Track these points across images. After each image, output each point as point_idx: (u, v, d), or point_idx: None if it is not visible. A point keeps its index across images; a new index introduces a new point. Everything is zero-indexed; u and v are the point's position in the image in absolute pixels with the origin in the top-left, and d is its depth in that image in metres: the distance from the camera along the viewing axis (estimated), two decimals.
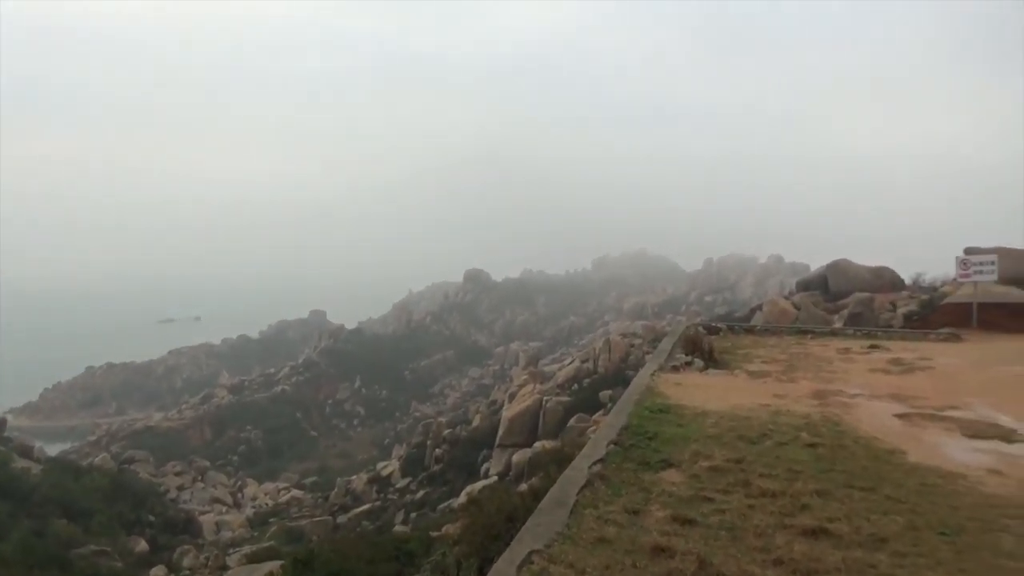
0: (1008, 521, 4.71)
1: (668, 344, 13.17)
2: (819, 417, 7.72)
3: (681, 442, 6.62)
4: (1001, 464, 6.08)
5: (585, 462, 6.04)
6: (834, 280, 38.69)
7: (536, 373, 50.22)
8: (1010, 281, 28.11)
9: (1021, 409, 8.26)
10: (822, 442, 6.61)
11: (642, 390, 9.14)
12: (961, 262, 19.04)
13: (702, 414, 7.76)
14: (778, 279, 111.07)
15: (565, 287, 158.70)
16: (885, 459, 6.15)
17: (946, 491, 5.31)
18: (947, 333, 16.45)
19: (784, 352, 13.55)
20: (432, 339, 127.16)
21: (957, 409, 8.38)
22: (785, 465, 5.89)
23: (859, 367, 11.79)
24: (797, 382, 10.29)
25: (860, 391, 9.46)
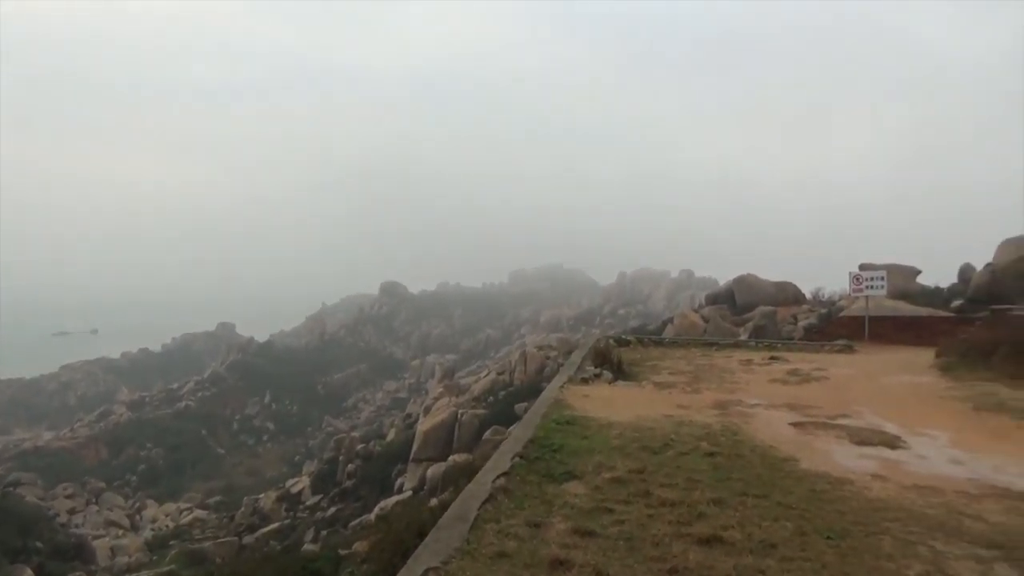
0: (889, 524, 4.93)
1: (578, 357, 13.31)
2: (719, 427, 7.94)
3: (586, 454, 6.67)
4: (885, 469, 6.39)
5: (489, 476, 5.99)
6: (740, 294, 40.19)
7: (452, 386, 49.95)
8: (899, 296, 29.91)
9: (905, 416, 8.74)
10: (721, 451, 6.79)
11: (550, 403, 9.19)
12: (854, 277, 20.08)
13: (607, 425, 7.85)
14: (689, 293, 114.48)
15: (482, 300, 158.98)
16: (779, 467, 6.36)
17: (834, 496, 5.52)
18: (841, 345, 17.29)
19: (690, 364, 13.92)
20: (346, 352, 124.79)
21: (847, 417, 8.78)
22: (685, 475, 6.00)
23: (759, 378, 12.22)
24: (701, 393, 10.57)
25: (759, 401, 9.79)
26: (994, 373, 10.98)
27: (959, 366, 12.03)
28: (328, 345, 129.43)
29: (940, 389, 10.54)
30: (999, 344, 11.67)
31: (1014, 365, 10.82)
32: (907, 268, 35.53)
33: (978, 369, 11.46)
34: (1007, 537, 4.71)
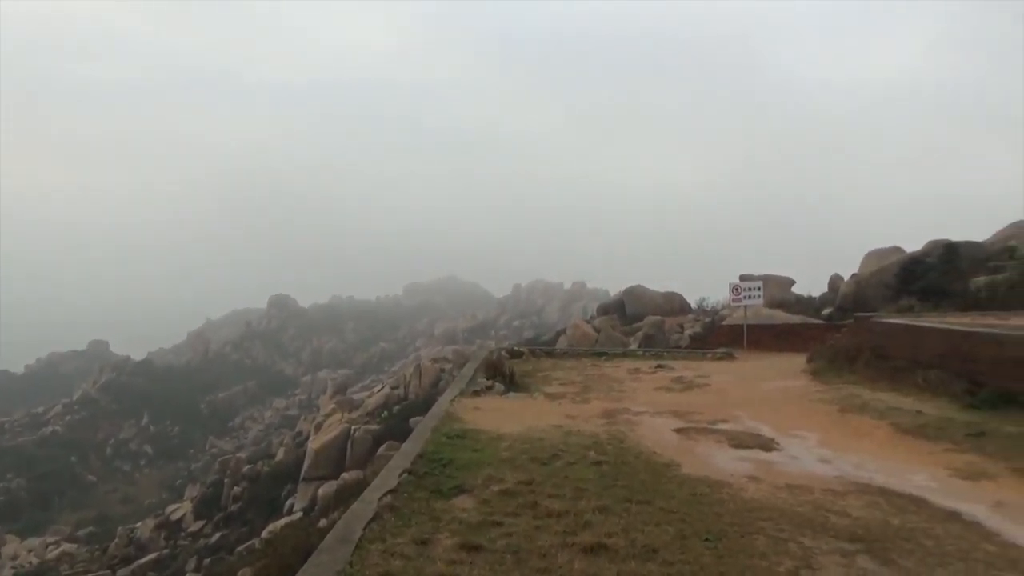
0: (763, 523, 5.15)
1: (470, 369, 13.29)
2: (606, 436, 8.10)
3: (475, 467, 6.63)
4: (760, 471, 6.68)
5: (375, 494, 5.84)
6: (630, 305, 41.36)
7: (344, 401, 48.81)
8: (775, 305, 31.63)
9: (779, 419, 9.21)
10: (607, 459, 6.91)
11: (441, 416, 9.10)
12: (734, 288, 21.09)
13: (498, 438, 7.84)
14: (582, 304, 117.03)
15: (376, 313, 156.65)
16: (662, 473, 6.53)
17: (712, 499, 5.72)
18: (723, 352, 18.08)
19: (581, 374, 14.17)
20: (232, 369, 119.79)
21: (727, 422, 9.16)
22: (572, 484, 6.06)
23: (646, 386, 12.59)
24: (590, 402, 10.77)
25: (645, 409, 10.07)
26: (858, 376, 11.77)
27: (828, 370, 12.82)
28: (212, 362, 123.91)
29: (810, 392, 11.18)
30: (862, 349, 12.52)
31: (874, 369, 11.64)
32: (782, 279, 37.70)
33: (844, 373, 12.25)
34: (867, 531, 5.01)
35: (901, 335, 11.72)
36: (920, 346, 10.95)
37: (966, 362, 9.70)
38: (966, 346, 9.85)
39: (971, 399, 8.99)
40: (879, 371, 11.44)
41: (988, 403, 8.74)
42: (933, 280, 24.34)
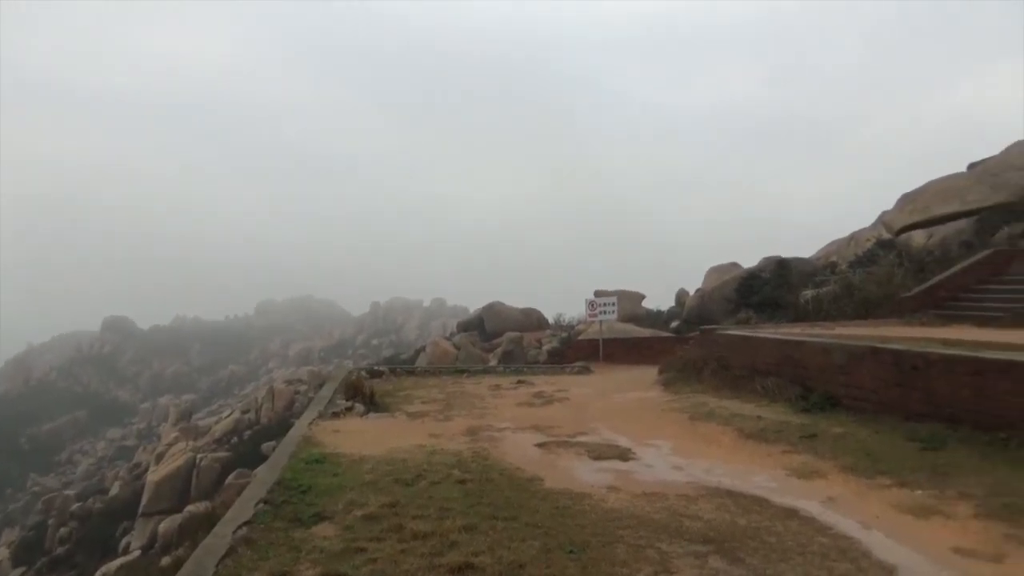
0: (622, 532, 5.31)
1: (329, 391, 12.87)
2: (470, 453, 8.08)
3: (336, 492, 6.40)
4: (618, 481, 6.91)
5: (229, 527, 5.50)
6: (490, 321, 41.77)
7: (189, 429, 45.80)
8: (628, 319, 33.03)
9: (634, 430, 9.57)
10: (471, 477, 6.89)
11: (298, 441, 8.73)
12: (589, 304, 21.80)
13: (359, 461, 7.62)
14: (441, 321, 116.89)
15: (224, 334, 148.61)
16: (526, 487, 6.60)
17: (575, 511, 5.84)
18: (580, 366, 18.62)
19: (442, 391, 14.10)
20: (59, 398, 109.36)
21: (586, 434, 9.42)
22: (437, 504, 5.99)
23: (507, 402, 12.71)
24: (452, 420, 10.72)
25: (507, 425, 10.16)
26: (705, 386, 12.47)
27: (678, 381, 13.50)
28: (36, 391, 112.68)
29: (663, 402, 11.72)
30: (708, 360, 13.30)
31: (718, 378, 12.39)
32: (635, 294, 39.49)
33: (692, 383, 12.95)
34: (717, 532, 5.29)
35: (741, 346, 12.57)
36: (758, 355, 11.78)
37: (798, 369, 10.54)
38: (798, 354, 10.71)
39: (804, 403, 9.77)
40: (723, 380, 12.18)
41: (818, 406, 9.53)
42: (768, 294, 26.36)
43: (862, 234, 31.64)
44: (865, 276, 21.10)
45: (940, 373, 7.94)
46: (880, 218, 31.40)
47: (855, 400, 9.20)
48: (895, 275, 19.71)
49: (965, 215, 26.03)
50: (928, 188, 29.68)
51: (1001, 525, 5.21)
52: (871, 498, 6.11)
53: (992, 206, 25.51)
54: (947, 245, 24.26)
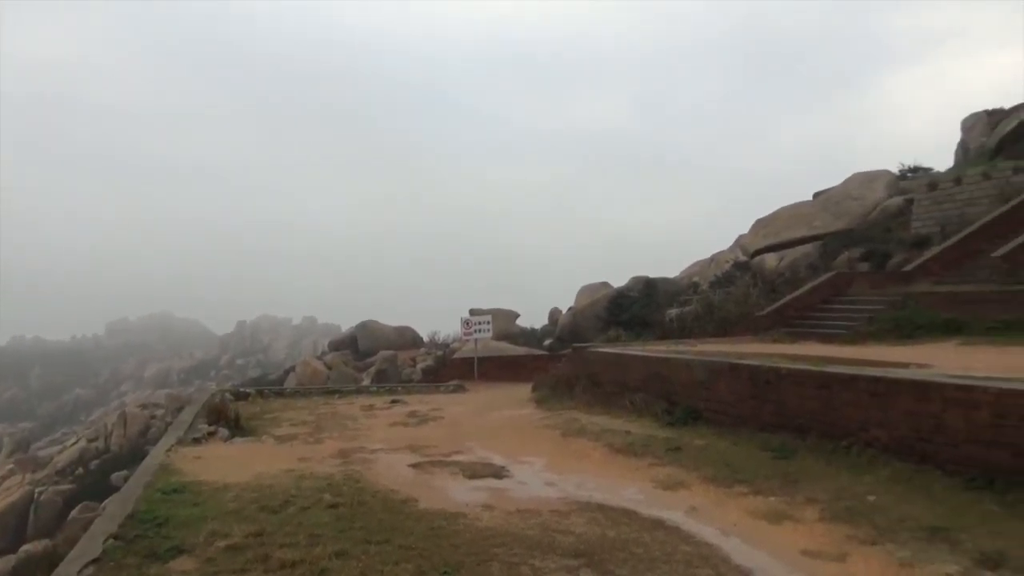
0: (497, 550, 5.32)
1: (189, 415, 12.16)
2: (342, 476, 7.86)
3: (197, 523, 6.02)
4: (493, 499, 6.93)
5: (74, 566, 5.05)
6: (363, 340, 40.92)
7: (26, 460, 41.77)
8: (502, 337, 33.32)
9: (509, 447, 9.64)
10: (343, 501, 6.70)
11: (154, 469, 8.17)
12: (464, 322, 21.86)
13: (222, 488, 7.22)
14: (312, 340, 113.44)
15: (70, 355, 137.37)
16: (400, 509, 6.49)
17: (449, 531, 5.79)
18: (455, 385, 18.59)
19: (313, 413, 13.65)
20: None
21: (461, 453, 9.39)
22: (307, 531, 5.77)
23: (381, 422, 12.48)
24: (323, 443, 10.40)
25: (381, 446, 9.96)
26: (576, 402, 12.78)
27: (551, 398, 13.75)
28: None
29: (536, 419, 11.89)
30: (579, 377, 13.64)
31: (590, 394, 12.73)
32: (509, 312, 39.92)
33: (564, 400, 13.23)
34: (588, 545, 5.41)
35: (611, 363, 12.99)
36: (627, 372, 12.22)
37: (664, 385, 11.02)
38: (664, 371, 11.19)
39: (669, 418, 10.21)
40: (595, 396, 12.53)
41: (682, 420, 9.99)
42: (636, 312, 27.43)
43: (722, 256, 33.64)
44: (724, 296, 22.42)
45: (790, 387, 8.53)
46: (737, 241, 33.53)
47: (716, 413, 9.72)
48: (750, 295, 21.07)
49: (811, 239, 28.27)
50: (779, 214, 32.04)
51: (844, 527, 5.64)
52: (730, 506, 6.45)
53: (834, 232, 27.87)
54: (796, 267, 26.21)
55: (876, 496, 6.21)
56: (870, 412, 7.35)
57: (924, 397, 6.80)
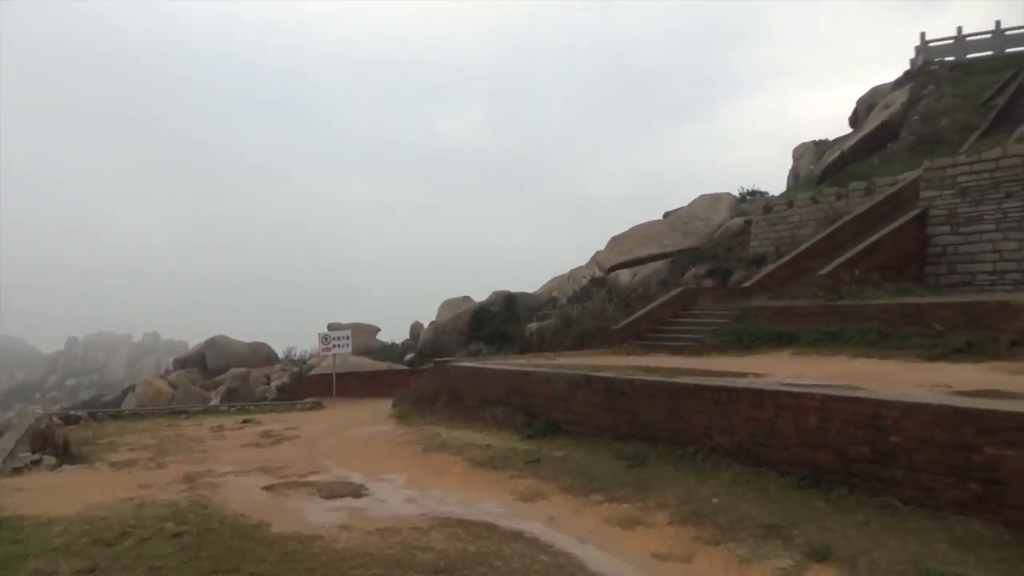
0: (355, 571, 5.18)
1: (9, 442, 10.98)
2: (187, 503, 7.38)
3: (16, 563, 5.44)
4: (351, 519, 6.74)
5: None
6: (212, 357, 38.75)
7: None
8: (362, 352, 32.62)
9: (368, 465, 9.45)
10: (188, 529, 6.29)
11: None
12: (322, 337, 21.27)
13: (48, 523, 6.57)
14: (155, 358, 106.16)
15: None
16: (251, 535, 6.17)
17: (305, 555, 5.57)
18: (312, 402, 18.01)
19: (155, 436, 12.77)
20: None
21: (318, 473, 9.09)
22: (146, 564, 5.36)
23: (231, 443, 11.86)
24: (167, 467, 9.74)
25: (231, 468, 9.46)
26: (438, 417, 12.72)
27: (412, 413, 13.61)
28: None
29: (396, 436, 11.73)
30: (440, 392, 13.61)
31: (451, 409, 12.72)
32: (369, 327, 39.17)
33: (426, 415, 13.14)
34: (449, 561, 5.38)
35: (472, 377, 13.05)
36: (488, 386, 12.32)
37: (525, 398, 11.20)
38: (524, 384, 11.38)
39: (529, 430, 10.38)
40: (456, 411, 12.53)
41: (541, 432, 10.19)
42: (497, 326, 27.72)
43: (579, 271, 34.77)
44: (581, 310, 23.15)
45: (643, 397, 8.93)
46: (594, 257, 34.77)
47: (574, 424, 9.99)
48: (606, 309, 21.88)
49: (662, 257, 29.81)
50: (633, 232, 33.58)
51: (691, 529, 5.95)
52: (586, 514, 6.64)
53: (683, 249, 29.55)
54: (648, 283, 27.51)
55: (719, 498, 6.60)
56: (714, 419, 7.83)
57: (760, 404, 7.32)
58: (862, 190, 22.17)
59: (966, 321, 11.72)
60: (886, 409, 6.14)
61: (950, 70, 32.23)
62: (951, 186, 17.25)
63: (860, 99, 37.62)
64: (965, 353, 10.70)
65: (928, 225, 17.43)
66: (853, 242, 17.84)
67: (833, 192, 23.61)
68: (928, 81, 31.94)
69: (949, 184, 17.30)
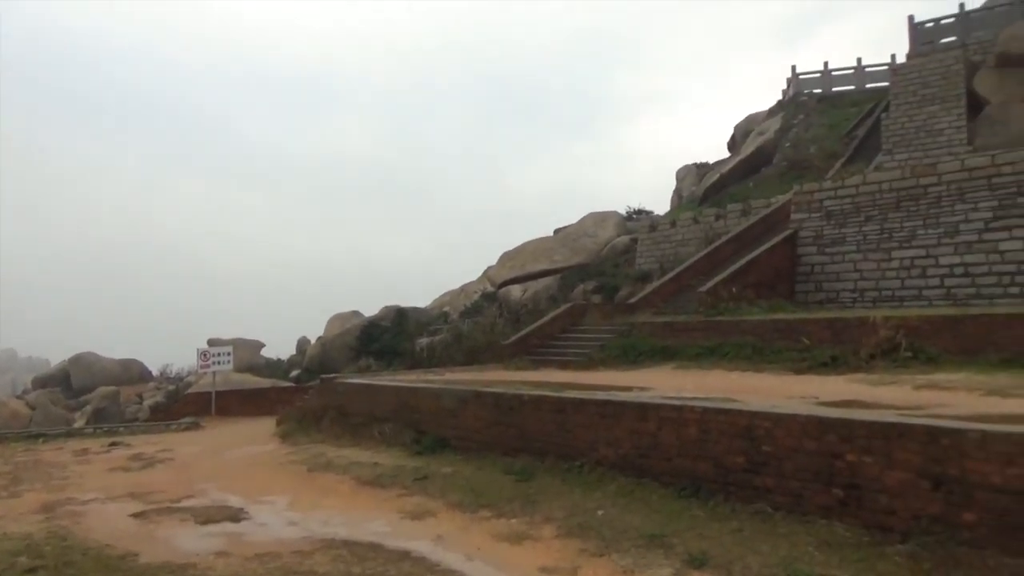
0: None
1: None
2: (44, 534, 6.81)
3: None
4: (229, 544, 6.42)
5: None
6: (77, 375, 36.28)
7: None
8: (245, 369, 31.39)
9: (249, 487, 9.03)
10: (45, 563, 5.80)
11: None
12: (201, 354, 20.25)
13: None
14: (10, 377, 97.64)
15: None
16: (116, 567, 5.76)
17: None
18: (188, 422, 17.09)
19: (7, 463, 11.74)
20: None
21: (193, 497, 8.61)
22: None
23: (97, 468, 11.07)
24: (21, 496, 8.97)
25: (96, 495, 8.82)
26: (324, 435, 12.36)
27: (296, 432, 13.15)
28: None
29: (280, 456, 11.30)
30: (328, 409, 13.22)
31: (338, 427, 12.39)
32: (253, 342, 37.75)
33: (311, 433, 12.73)
34: None
35: (361, 393, 12.77)
36: (376, 402, 12.09)
37: (414, 414, 11.06)
38: (413, 400, 11.24)
39: (418, 447, 10.25)
40: (343, 428, 12.22)
41: (430, 449, 10.08)
42: (387, 342, 27.33)
43: (471, 286, 34.90)
44: (472, 325, 23.19)
45: (531, 412, 9.00)
46: (485, 272, 35.01)
47: (463, 440, 9.95)
48: (497, 324, 22.02)
49: (552, 272, 30.36)
50: (524, 248, 34.03)
51: (576, 541, 6.03)
52: (474, 531, 6.61)
53: (572, 266, 30.21)
54: (538, 298, 27.94)
55: (604, 510, 6.73)
56: (599, 433, 8.00)
57: (644, 417, 7.55)
58: (739, 211, 23.45)
59: (831, 336, 12.55)
60: (759, 420, 6.46)
61: (818, 101, 34.77)
62: (818, 210, 18.49)
63: (737, 125, 39.88)
64: (830, 366, 11.44)
65: (798, 245, 18.60)
66: (731, 260, 18.80)
67: (713, 213, 24.84)
68: (798, 111, 34.30)
69: (816, 208, 18.54)
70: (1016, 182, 15.12)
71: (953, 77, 24.07)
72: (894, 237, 16.82)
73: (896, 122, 25.08)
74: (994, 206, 15.35)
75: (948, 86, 24.08)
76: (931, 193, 16.50)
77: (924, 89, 24.58)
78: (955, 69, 24.13)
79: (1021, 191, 15.00)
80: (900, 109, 25.08)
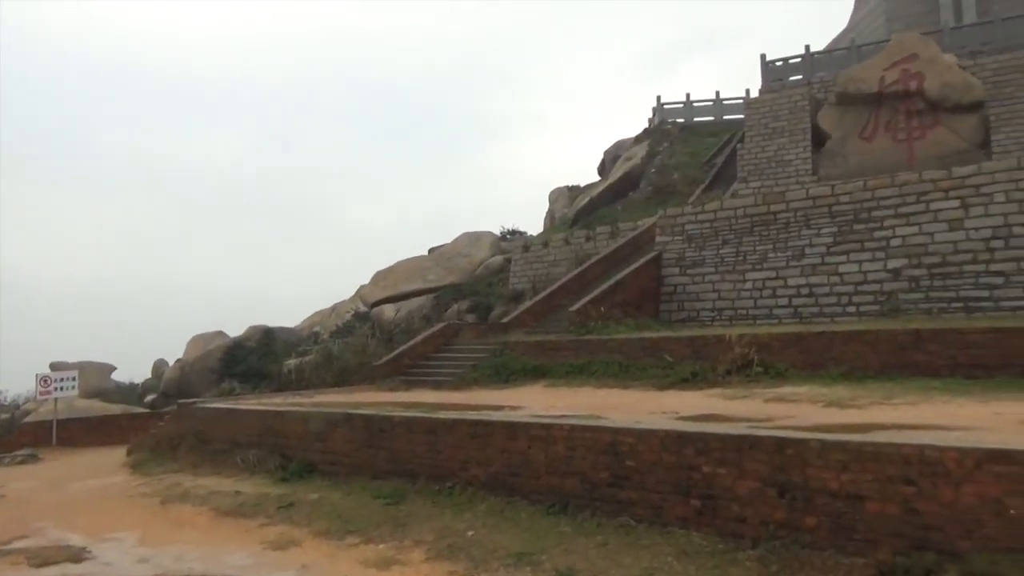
0: None
1: None
2: None
3: None
4: None
5: None
6: None
7: None
8: (93, 394, 29.13)
9: (93, 524, 8.36)
10: None
11: None
12: (42, 379, 18.62)
13: None
14: None
15: None
16: None
17: None
18: (25, 455, 15.66)
19: None
20: None
21: (27, 537, 7.88)
22: None
23: None
24: None
25: None
26: (181, 464, 11.65)
27: (150, 461, 12.33)
28: None
29: (130, 488, 10.53)
30: (185, 436, 12.48)
31: (197, 454, 11.72)
32: (102, 365, 35.14)
33: (167, 462, 11.97)
34: None
35: (223, 419, 12.15)
36: (239, 428, 11.53)
37: (279, 439, 10.63)
38: (278, 425, 10.81)
39: (283, 473, 9.85)
40: (202, 456, 11.56)
41: (297, 475, 9.71)
42: (253, 363, 26.22)
43: (343, 306, 34.09)
44: (344, 346, 22.63)
45: (402, 433, 8.88)
46: (358, 292, 34.32)
47: (331, 465, 9.66)
48: (369, 345, 21.61)
49: (426, 292, 30.22)
50: (398, 267, 33.70)
51: (446, 564, 5.97)
52: (341, 559, 6.41)
53: (446, 285, 30.20)
54: (412, 318, 27.70)
55: (474, 531, 6.72)
56: (471, 453, 8.00)
57: (514, 436, 7.62)
58: (607, 233, 24.30)
59: (691, 353, 13.20)
60: (622, 436, 6.68)
61: (680, 130, 36.78)
62: (680, 233, 19.48)
63: (607, 150, 41.45)
64: (691, 382, 12.01)
65: (662, 267, 19.48)
66: (600, 281, 19.42)
67: (583, 234, 25.61)
68: (663, 138, 36.12)
69: (679, 231, 19.52)
70: (853, 210, 16.55)
71: (799, 112, 26.14)
72: (748, 259, 17.96)
73: (750, 152, 26.90)
74: (834, 232, 16.73)
75: (795, 120, 26.13)
76: (780, 219, 17.78)
77: (775, 122, 26.54)
78: (801, 105, 26.23)
79: (858, 218, 16.44)
80: (754, 140, 26.93)
